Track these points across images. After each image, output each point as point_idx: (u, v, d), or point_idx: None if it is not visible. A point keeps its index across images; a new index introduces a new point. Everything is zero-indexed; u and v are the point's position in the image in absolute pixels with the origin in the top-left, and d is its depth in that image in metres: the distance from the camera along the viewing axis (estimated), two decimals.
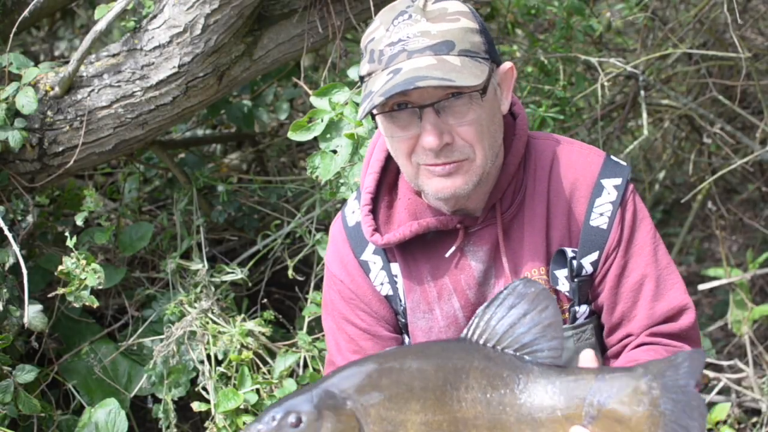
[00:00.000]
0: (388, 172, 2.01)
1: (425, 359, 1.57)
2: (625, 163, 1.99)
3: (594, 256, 1.94)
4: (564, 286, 1.94)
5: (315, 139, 2.82)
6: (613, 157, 1.99)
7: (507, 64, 1.89)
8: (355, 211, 2.04)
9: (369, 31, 1.84)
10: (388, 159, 1.99)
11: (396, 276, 2.01)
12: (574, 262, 1.92)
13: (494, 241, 1.95)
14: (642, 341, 1.95)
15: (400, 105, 1.78)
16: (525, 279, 1.66)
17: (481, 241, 1.96)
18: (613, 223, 1.92)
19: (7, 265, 3.01)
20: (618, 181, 1.94)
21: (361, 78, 1.85)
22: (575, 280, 1.93)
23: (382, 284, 2.03)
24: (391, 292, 2.03)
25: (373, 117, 1.88)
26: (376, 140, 2.05)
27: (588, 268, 1.94)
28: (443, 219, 1.93)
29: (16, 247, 2.94)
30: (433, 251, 1.98)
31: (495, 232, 1.94)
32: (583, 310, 1.97)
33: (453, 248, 1.95)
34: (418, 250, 1.98)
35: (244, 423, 3.03)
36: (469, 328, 1.61)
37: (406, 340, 2.08)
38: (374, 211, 1.98)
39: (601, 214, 1.93)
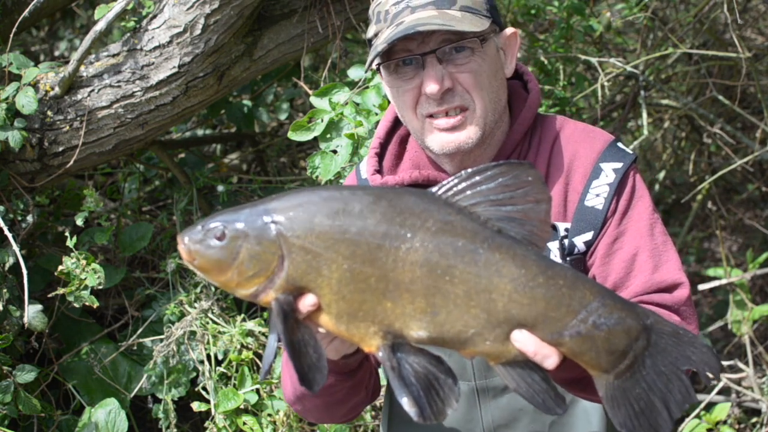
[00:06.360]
0: (402, 127, 2.06)
1: (372, 206, 1.47)
2: (632, 152, 1.97)
3: (588, 235, 1.93)
4: (555, 259, 1.93)
5: (315, 139, 2.82)
6: (620, 144, 1.99)
7: (510, 30, 1.97)
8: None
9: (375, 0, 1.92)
10: None
11: None
12: (566, 241, 1.92)
13: None
14: None
15: (406, 61, 1.85)
16: (527, 164, 1.52)
17: None
18: (609, 203, 1.92)
19: (7, 265, 3.01)
20: (618, 165, 1.94)
21: (369, 42, 1.92)
22: (568, 258, 1.92)
23: None
24: None
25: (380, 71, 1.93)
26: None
27: (581, 247, 1.93)
28: (444, 175, 1.96)
29: (16, 247, 2.94)
30: None
31: None
32: None
33: None
34: None
35: (244, 423, 3.04)
36: (442, 185, 1.50)
37: None
38: (381, 156, 2.03)
39: (597, 195, 1.93)
